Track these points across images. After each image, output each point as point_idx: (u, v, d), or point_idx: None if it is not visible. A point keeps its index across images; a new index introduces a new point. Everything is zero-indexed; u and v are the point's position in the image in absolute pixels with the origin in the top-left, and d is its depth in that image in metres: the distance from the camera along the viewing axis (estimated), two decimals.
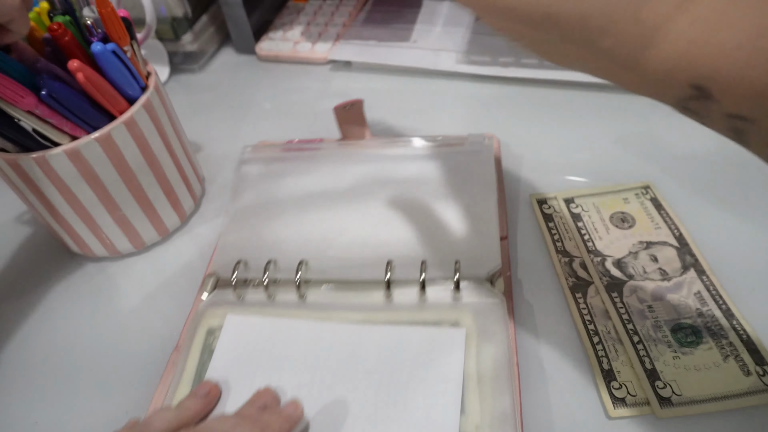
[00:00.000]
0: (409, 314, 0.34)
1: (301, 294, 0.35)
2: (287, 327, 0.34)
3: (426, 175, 0.41)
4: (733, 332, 0.32)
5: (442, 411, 0.29)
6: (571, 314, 0.35)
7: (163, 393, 0.32)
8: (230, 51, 0.68)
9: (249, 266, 0.37)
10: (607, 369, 0.31)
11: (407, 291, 0.35)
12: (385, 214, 0.39)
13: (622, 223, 0.39)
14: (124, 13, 0.38)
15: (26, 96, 0.32)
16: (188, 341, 0.35)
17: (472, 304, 0.34)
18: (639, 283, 0.35)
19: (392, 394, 0.30)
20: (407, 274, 0.35)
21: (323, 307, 0.35)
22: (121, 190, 0.39)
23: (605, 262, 0.37)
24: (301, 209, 0.40)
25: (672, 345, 0.32)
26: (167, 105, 0.41)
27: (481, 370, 0.30)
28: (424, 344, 0.32)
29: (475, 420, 0.29)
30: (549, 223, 0.40)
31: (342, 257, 0.37)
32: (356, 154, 0.44)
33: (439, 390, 0.30)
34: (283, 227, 0.40)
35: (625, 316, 0.34)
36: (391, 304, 0.35)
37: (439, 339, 0.32)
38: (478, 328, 0.32)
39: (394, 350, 0.32)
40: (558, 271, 0.37)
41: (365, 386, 0.31)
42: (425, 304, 0.34)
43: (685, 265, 0.36)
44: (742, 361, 0.31)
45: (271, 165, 0.45)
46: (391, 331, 0.33)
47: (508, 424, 0.28)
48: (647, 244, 0.38)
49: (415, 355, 0.32)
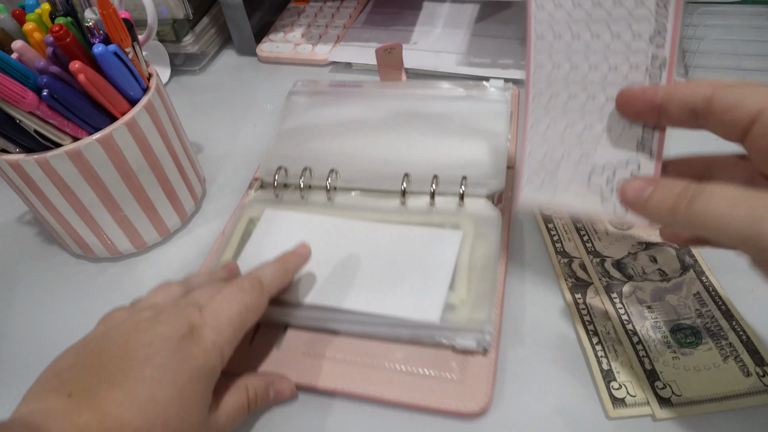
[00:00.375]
0: (418, 217, 0.40)
1: (329, 197, 0.42)
2: (313, 220, 0.41)
3: (449, 110, 0.47)
4: (733, 333, 0.32)
5: (433, 285, 0.35)
6: (570, 315, 0.35)
7: (207, 265, 0.40)
8: (231, 52, 0.68)
9: (288, 173, 0.44)
10: (606, 369, 0.31)
11: (419, 200, 0.41)
12: (407, 138, 0.45)
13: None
14: (126, 15, 0.38)
15: (28, 97, 0.32)
16: (232, 227, 0.42)
17: (473, 213, 0.39)
18: (638, 283, 0.36)
19: (393, 272, 0.36)
20: (421, 187, 0.41)
21: (347, 209, 0.42)
22: (122, 190, 0.39)
23: (604, 262, 0.37)
24: (337, 131, 0.47)
25: (671, 346, 0.32)
26: (168, 106, 0.42)
27: (473, 262, 0.36)
28: (427, 238, 0.38)
29: (461, 295, 0.34)
30: (548, 224, 0.40)
31: (367, 169, 0.43)
32: (391, 93, 0.50)
33: (433, 271, 0.36)
34: (319, 143, 0.46)
35: (624, 316, 0.34)
36: (405, 209, 0.41)
37: (439, 235, 0.38)
38: (474, 231, 0.38)
39: (401, 242, 0.38)
40: (557, 271, 0.37)
41: (372, 265, 0.37)
42: (433, 210, 0.40)
43: (685, 266, 0.36)
44: (741, 361, 0.31)
45: (316, 97, 0.51)
46: (401, 228, 0.39)
47: (489, 301, 0.34)
48: (646, 245, 0.38)
49: (418, 245, 0.38)
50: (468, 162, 0.42)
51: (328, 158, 0.44)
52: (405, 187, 0.41)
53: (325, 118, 0.49)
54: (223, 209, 0.46)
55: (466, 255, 0.36)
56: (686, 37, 0.55)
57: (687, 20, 0.57)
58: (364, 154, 0.44)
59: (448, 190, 0.40)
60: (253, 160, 0.50)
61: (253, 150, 0.52)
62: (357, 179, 0.43)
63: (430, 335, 0.33)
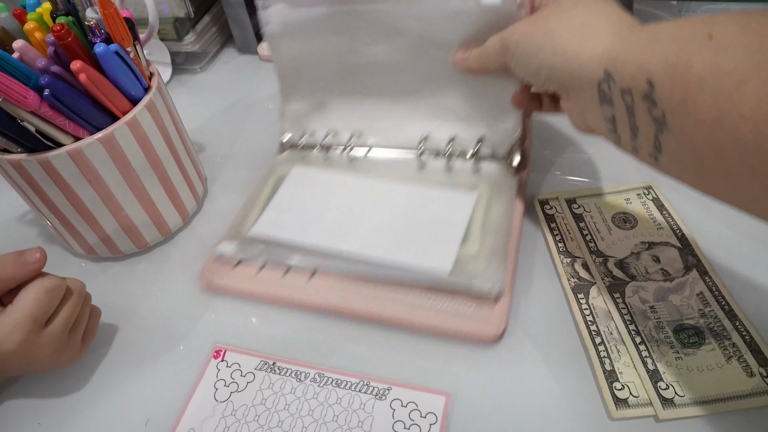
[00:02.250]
0: (436, 178, 0.43)
1: (352, 158, 0.45)
2: (337, 179, 0.44)
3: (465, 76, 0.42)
4: (736, 333, 0.32)
5: (447, 239, 0.37)
6: (573, 315, 0.35)
7: (237, 221, 0.42)
8: (232, 51, 0.68)
9: (315, 135, 0.47)
10: (609, 370, 0.31)
11: (437, 161, 0.43)
12: (425, 101, 0.44)
13: (624, 223, 0.39)
14: (127, 14, 0.38)
15: (29, 96, 0.32)
16: (262, 183, 0.45)
17: (489, 175, 0.42)
18: (641, 283, 0.35)
19: (410, 227, 0.39)
20: (438, 148, 0.43)
21: (368, 169, 0.45)
22: (123, 190, 0.39)
23: (607, 262, 0.37)
24: (358, 90, 0.45)
25: (674, 346, 0.32)
26: (170, 105, 0.41)
27: (487, 220, 0.39)
28: (442, 197, 0.41)
29: (474, 248, 0.37)
30: (551, 224, 0.40)
31: (388, 127, 0.45)
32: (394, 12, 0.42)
33: (447, 227, 0.38)
34: (342, 107, 0.46)
35: (627, 316, 0.34)
36: (423, 170, 0.43)
37: (454, 195, 0.41)
38: (490, 192, 0.40)
39: (418, 200, 0.41)
40: (560, 271, 0.37)
41: (390, 220, 0.40)
42: (450, 172, 0.43)
43: (688, 266, 0.36)
44: (745, 362, 0.31)
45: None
46: (419, 187, 0.42)
47: (501, 254, 0.36)
48: (649, 244, 0.38)
49: (434, 203, 0.40)
50: (482, 120, 0.42)
51: (350, 120, 0.46)
52: (423, 147, 0.43)
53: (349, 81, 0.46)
54: (224, 208, 0.46)
55: (480, 213, 0.39)
56: None
57: None
58: (384, 114, 0.45)
59: (464, 150, 0.42)
60: (255, 159, 0.50)
61: (254, 149, 0.52)
62: (378, 140, 0.45)
63: (445, 282, 0.35)
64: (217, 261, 0.40)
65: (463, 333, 0.34)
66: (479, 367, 0.33)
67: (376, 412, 0.32)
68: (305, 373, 0.34)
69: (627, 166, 0.44)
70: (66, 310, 0.33)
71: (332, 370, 0.34)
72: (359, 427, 0.31)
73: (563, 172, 0.45)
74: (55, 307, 0.32)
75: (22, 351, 0.31)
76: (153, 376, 0.35)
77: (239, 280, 0.39)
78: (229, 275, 0.39)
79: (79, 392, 0.35)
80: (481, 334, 0.33)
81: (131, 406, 0.34)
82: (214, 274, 0.39)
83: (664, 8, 0.59)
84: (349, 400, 0.32)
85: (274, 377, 0.34)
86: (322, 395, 0.33)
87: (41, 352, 0.31)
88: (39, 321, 0.31)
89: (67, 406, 0.34)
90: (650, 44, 0.24)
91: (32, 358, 0.31)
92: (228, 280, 0.39)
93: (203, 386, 0.34)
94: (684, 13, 0.58)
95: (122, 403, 0.34)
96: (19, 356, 0.31)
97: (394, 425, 0.31)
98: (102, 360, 0.37)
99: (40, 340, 0.31)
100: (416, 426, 0.31)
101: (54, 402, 0.35)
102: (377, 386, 0.33)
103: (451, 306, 0.35)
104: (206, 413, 0.33)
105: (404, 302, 0.35)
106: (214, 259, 0.40)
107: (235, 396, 0.33)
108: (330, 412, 0.32)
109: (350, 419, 0.32)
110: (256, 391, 0.33)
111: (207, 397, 0.33)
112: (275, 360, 0.35)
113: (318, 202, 0.42)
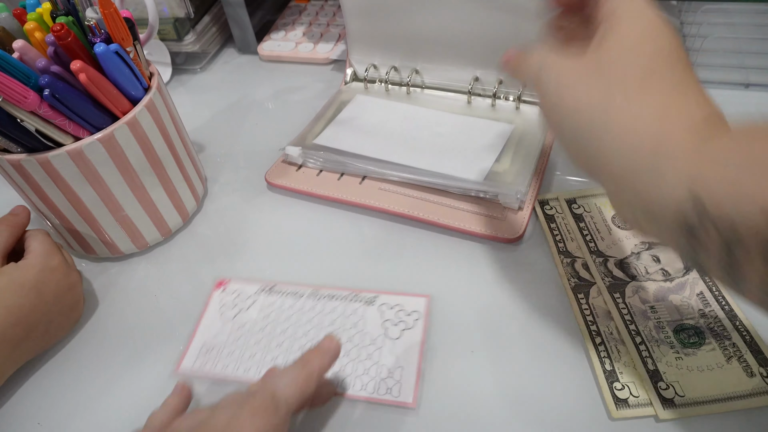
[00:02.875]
0: (481, 112, 0.50)
1: (408, 91, 0.53)
2: (394, 106, 0.52)
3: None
4: (737, 333, 0.32)
5: (483, 156, 0.44)
6: (573, 315, 0.35)
7: (305, 130, 0.50)
8: (232, 51, 0.68)
9: (378, 70, 0.54)
10: (609, 370, 0.31)
11: (484, 100, 0.51)
12: (480, 50, 0.49)
13: (624, 223, 0.39)
14: (127, 14, 0.38)
15: (29, 96, 0.32)
16: (327, 106, 0.53)
17: (527, 114, 0.48)
18: (641, 283, 0.35)
19: (453, 146, 0.46)
20: (486, 89, 0.50)
21: (423, 102, 0.52)
22: (123, 190, 0.39)
23: (607, 262, 0.37)
24: (420, 34, 0.50)
25: (674, 346, 0.32)
26: (170, 105, 0.41)
27: (518, 148, 0.45)
28: (484, 126, 0.48)
29: (504, 166, 0.43)
30: (551, 224, 0.40)
31: (443, 69, 0.51)
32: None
33: (484, 148, 0.45)
34: (404, 47, 0.52)
35: (627, 316, 0.34)
36: (471, 106, 0.51)
37: (495, 124, 0.48)
38: (525, 128, 0.47)
39: (463, 126, 0.48)
40: (560, 271, 0.37)
41: (436, 141, 0.46)
42: (493, 109, 0.50)
43: (688, 266, 0.36)
44: (745, 362, 0.31)
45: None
46: (465, 117, 0.49)
47: (527, 173, 0.42)
48: (649, 244, 0.38)
49: (476, 130, 0.47)
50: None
51: (412, 54, 0.52)
52: (472, 86, 0.50)
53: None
54: (225, 208, 0.46)
55: (514, 141, 0.46)
56: (690, 35, 0.55)
57: (690, 18, 0.57)
58: (441, 56, 0.50)
59: (509, 91, 0.49)
60: (255, 159, 0.50)
61: (254, 149, 0.52)
62: (434, 78, 0.52)
63: (477, 190, 0.42)
64: (284, 162, 0.48)
65: (488, 234, 0.39)
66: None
67: (367, 316, 0.36)
68: (301, 292, 0.38)
69: None
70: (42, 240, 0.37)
71: (325, 287, 0.38)
72: (354, 328, 0.36)
73: (563, 172, 0.45)
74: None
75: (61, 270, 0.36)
76: (153, 374, 0.35)
77: (301, 181, 0.46)
78: (293, 175, 0.47)
79: (78, 391, 0.35)
80: (503, 235, 0.39)
81: (131, 402, 0.34)
82: (281, 173, 0.47)
83: (664, 8, 0.58)
84: (343, 309, 0.37)
85: (274, 297, 0.38)
86: (318, 307, 0.37)
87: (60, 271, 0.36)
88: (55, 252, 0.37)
89: (67, 405, 0.34)
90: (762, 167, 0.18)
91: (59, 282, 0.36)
92: (291, 180, 0.46)
93: (210, 311, 0.38)
94: (684, 13, 0.58)
95: (121, 402, 0.34)
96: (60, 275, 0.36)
97: (384, 323, 0.36)
98: (102, 360, 0.37)
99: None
100: (403, 322, 0.36)
101: (54, 402, 0.35)
102: (366, 295, 0.38)
103: (480, 210, 0.41)
104: (216, 330, 0.37)
105: (442, 205, 0.42)
106: (281, 160, 0.48)
107: (240, 315, 0.38)
108: (327, 319, 0.37)
109: (345, 323, 0.36)
110: (258, 310, 0.38)
111: (214, 319, 0.38)
112: (273, 284, 0.39)
113: (375, 123, 0.50)
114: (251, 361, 0.35)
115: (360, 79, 0.55)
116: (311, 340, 0.35)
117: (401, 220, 0.43)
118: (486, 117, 0.49)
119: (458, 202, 0.42)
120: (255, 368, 0.34)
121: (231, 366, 0.35)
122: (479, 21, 0.47)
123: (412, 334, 0.35)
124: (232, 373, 0.34)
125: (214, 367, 0.35)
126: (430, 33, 0.50)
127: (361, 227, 0.43)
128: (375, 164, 0.45)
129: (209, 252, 0.43)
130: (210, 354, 0.36)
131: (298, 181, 0.46)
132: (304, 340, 0.36)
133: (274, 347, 0.35)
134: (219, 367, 0.35)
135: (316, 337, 0.35)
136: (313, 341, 0.35)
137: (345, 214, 0.44)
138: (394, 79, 0.54)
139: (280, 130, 0.53)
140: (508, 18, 0.45)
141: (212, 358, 0.35)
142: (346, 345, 0.35)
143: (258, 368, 0.34)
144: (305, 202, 0.46)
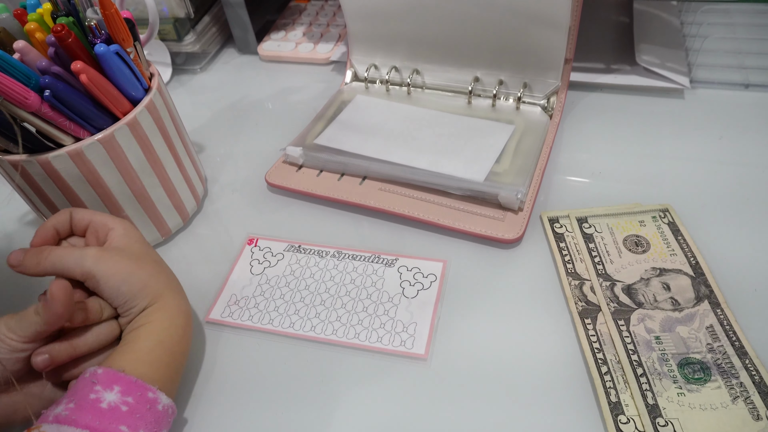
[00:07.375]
0: (481, 112, 0.50)
1: (409, 92, 0.53)
2: (394, 107, 0.52)
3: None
4: (745, 372, 0.30)
5: (484, 156, 0.44)
6: (579, 341, 0.33)
7: (306, 131, 0.50)
8: (232, 51, 0.68)
9: (378, 71, 0.54)
10: (614, 402, 0.30)
11: (484, 100, 0.51)
12: (477, 47, 0.49)
13: (636, 247, 0.38)
14: (128, 14, 0.38)
15: (30, 97, 0.32)
16: (327, 106, 0.53)
17: (527, 114, 0.48)
18: (648, 311, 0.34)
19: (454, 146, 0.46)
20: (486, 90, 0.50)
21: (423, 102, 0.52)
22: (123, 190, 0.39)
23: (614, 287, 0.35)
24: (421, 35, 0.51)
25: (678, 380, 0.30)
26: (170, 106, 0.41)
27: (519, 148, 0.45)
28: (484, 126, 0.48)
29: (504, 167, 0.43)
30: (560, 243, 0.39)
31: (443, 69, 0.52)
32: None
33: (485, 148, 0.45)
34: (404, 49, 0.52)
35: (630, 345, 0.32)
36: (471, 106, 0.51)
37: (495, 125, 0.48)
38: (525, 128, 0.47)
39: (463, 126, 0.48)
40: (567, 294, 0.36)
41: (437, 141, 0.47)
42: (494, 109, 0.50)
43: (699, 296, 0.34)
44: (752, 403, 0.29)
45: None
46: (465, 118, 0.49)
47: (527, 173, 0.42)
48: (660, 270, 0.36)
49: (476, 130, 0.47)
50: (527, 65, 0.48)
51: (411, 56, 0.52)
52: (472, 87, 0.50)
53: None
54: (225, 209, 0.46)
55: (514, 142, 0.46)
56: (690, 35, 0.55)
57: (690, 18, 0.57)
58: (441, 57, 0.51)
59: (510, 92, 0.49)
60: (255, 160, 0.50)
61: (254, 149, 0.52)
62: (434, 79, 0.52)
63: (477, 190, 0.41)
64: (284, 163, 0.48)
65: (488, 234, 0.39)
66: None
67: (386, 276, 0.39)
68: (326, 251, 0.41)
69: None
70: None
71: (348, 248, 0.41)
72: (373, 286, 0.38)
73: (564, 173, 0.45)
74: None
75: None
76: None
77: (301, 181, 0.46)
78: (293, 176, 0.47)
79: None
80: (502, 236, 0.39)
81: None
82: (281, 174, 0.47)
83: (664, 8, 0.58)
84: (364, 269, 0.40)
85: (300, 255, 0.41)
86: (341, 266, 0.40)
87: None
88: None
89: None
90: None
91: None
92: (291, 181, 0.46)
93: (240, 265, 0.41)
94: (684, 13, 0.58)
95: None
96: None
97: (401, 283, 0.38)
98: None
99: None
100: (420, 284, 0.38)
101: None
102: (386, 257, 0.40)
103: (480, 211, 0.41)
104: (244, 282, 0.40)
105: (443, 205, 0.42)
106: (281, 161, 0.48)
107: (268, 270, 0.41)
108: (348, 277, 0.39)
109: (365, 281, 0.39)
110: (285, 266, 0.41)
111: (244, 272, 0.41)
112: (300, 243, 0.42)
113: (375, 123, 0.50)
114: (275, 312, 0.38)
115: (360, 79, 0.55)
116: (333, 296, 0.38)
117: (401, 220, 0.43)
118: (486, 117, 0.49)
119: (458, 203, 0.42)
120: (278, 320, 0.37)
121: (256, 317, 0.38)
122: (480, 22, 0.47)
123: (428, 294, 0.37)
124: (257, 323, 0.37)
125: (240, 317, 0.38)
126: (431, 34, 0.50)
127: (361, 228, 0.43)
128: (375, 164, 0.45)
129: (209, 252, 0.43)
130: (237, 305, 0.38)
131: (299, 182, 0.46)
132: (326, 296, 0.38)
133: (297, 301, 0.38)
134: (245, 317, 0.38)
135: (338, 293, 0.38)
136: (335, 297, 0.38)
137: (345, 214, 0.44)
138: (395, 80, 0.54)
139: (280, 131, 0.53)
140: (508, 19, 0.45)
141: (239, 309, 0.38)
142: (365, 301, 0.37)
143: (281, 320, 0.37)
144: (305, 203, 0.46)
